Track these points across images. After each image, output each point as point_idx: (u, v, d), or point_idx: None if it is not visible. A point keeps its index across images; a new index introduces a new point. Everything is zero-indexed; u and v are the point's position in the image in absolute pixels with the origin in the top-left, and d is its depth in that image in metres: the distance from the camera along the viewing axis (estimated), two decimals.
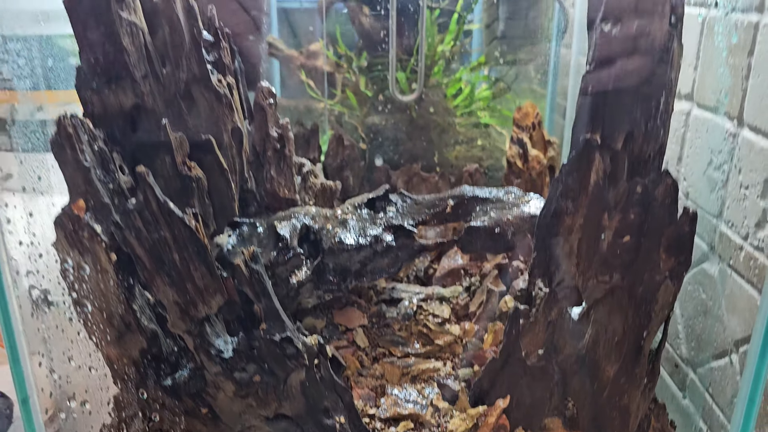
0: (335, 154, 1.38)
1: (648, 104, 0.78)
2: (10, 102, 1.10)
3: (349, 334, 1.07)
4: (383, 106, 1.53)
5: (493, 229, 0.96)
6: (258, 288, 0.79)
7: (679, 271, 0.78)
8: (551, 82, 1.67)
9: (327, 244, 0.98)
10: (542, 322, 0.90)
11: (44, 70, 1.02)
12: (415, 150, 1.55)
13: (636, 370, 0.83)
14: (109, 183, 0.75)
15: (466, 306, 1.12)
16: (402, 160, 1.52)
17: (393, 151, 1.53)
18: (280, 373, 0.81)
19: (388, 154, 1.54)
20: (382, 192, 1.11)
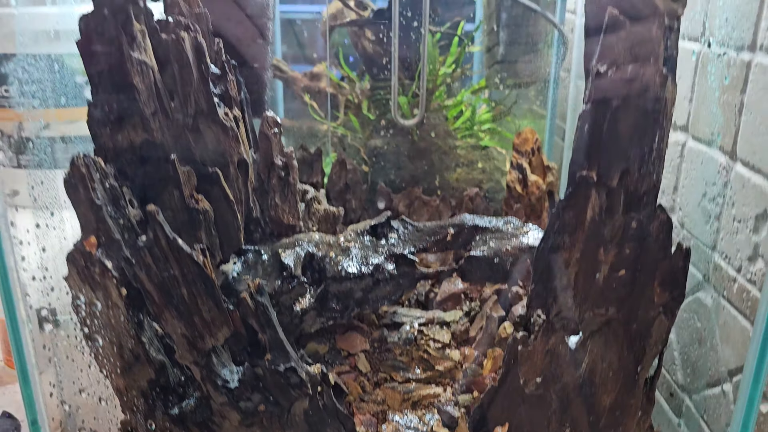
0: (338, 177, 1.41)
1: (643, 143, 0.81)
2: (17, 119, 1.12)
3: (351, 359, 1.09)
4: (385, 129, 1.55)
5: (493, 258, 0.98)
6: (263, 320, 0.81)
7: (673, 306, 0.81)
8: (551, 105, 1.70)
9: (330, 272, 1.00)
10: (540, 351, 0.93)
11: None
12: (417, 172, 1.57)
13: (631, 401, 0.85)
14: (120, 219, 0.77)
15: (466, 331, 1.14)
16: (403, 183, 1.54)
17: (395, 173, 1.55)
18: (285, 403, 0.83)
19: (390, 176, 1.57)
20: (384, 219, 1.13)
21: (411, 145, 1.58)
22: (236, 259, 1.02)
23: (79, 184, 0.73)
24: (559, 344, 0.91)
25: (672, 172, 1.10)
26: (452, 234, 1.05)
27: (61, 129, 1.11)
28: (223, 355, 0.83)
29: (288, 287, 0.97)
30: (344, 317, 1.02)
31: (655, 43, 0.80)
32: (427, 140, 1.58)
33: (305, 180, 1.34)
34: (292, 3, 1.88)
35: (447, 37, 1.68)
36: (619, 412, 0.86)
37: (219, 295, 0.78)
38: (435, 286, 1.28)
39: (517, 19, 1.65)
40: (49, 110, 1.15)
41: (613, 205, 0.83)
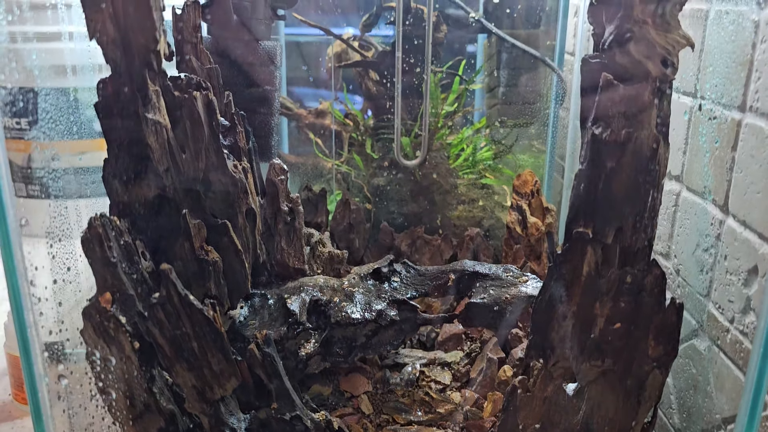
0: (342, 217, 1.44)
1: (637, 202, 0.84)
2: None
3: (355, 401, 1.12)
4: (388, 168, 1.59)
5: (493, 306, 1.01)
6: (270, 370, 0.84)
7: (666, 361, 0.83)
8: (550, 143, 1.74)
9: (334, 318, 1.03)
10: (539, 398, 0.95)
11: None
12: (419, 210, 1.61)
13: None
14: (133, 274, 0.81)
15: (467, 372, 1.17)
16: (406, 221, 1.58)
17: (397, 211, 1.58)
18: None
19: (392, 214, 1.60)
20: (387, 262, 1.17)
21: (413, 183, 1.62)
22: (243, 303, 1.05)
23: (95, 243, 0.76)
24: (557, 392, 0.94)
25: (667, 220, 1.13)
26: (453, 279, 1.08)
27: (71, 161, 1.14)
28: (230, 403, 0.86)
29: (293, 333, 1.00)
30: (348, 362, 1.05)
31: (648, 107, 0.83)
32: (428, 179, 1.61)
33: (310, 219, 1.38)
34: (298, 26, 1.90)
35: (449, 76, 1.72)
36: None
37: (228, 348, 0.81)
38: (436, 327, 1.31)
39: (517, 61, 1.69)
40: (62, 142, 1.19)
41: (609, 260, 0.86)
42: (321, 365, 1.04)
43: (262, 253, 1.12)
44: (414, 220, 1.58)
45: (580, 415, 0.94)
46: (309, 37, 1.88)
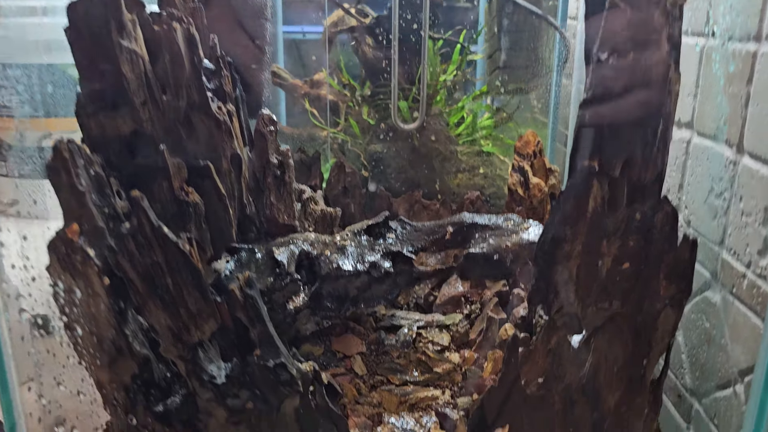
0: (336, 181, 1.38)
1: (646, 132, 0.78)
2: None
3: (347, 362, 1.06)
4: (385, 134, 1.53)
5: (492, 255, 0.95)
6: (252, 313, 0.78)
7: (680, 299, 0.77)
8: (552, 111, 1.68)
9: (324, 270, 0.97)
10: (542, 351, 0.89)
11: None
12: (417, 178, 1.55)
13: (638, 400, 0.81)
14: (105, 207, 0.75)
15: (466, 333, 1.11)
16: (404, 188, 1.52)
17: (395, 178, 1.53)
18: (274, 400, 0.80)
19: (390, 181, 1.54)
20: (382, 219, 1.11)
21: (411, 150, 1.56)
22: (229, 258, 1.00)
23: (61, 169, 0.71)
24: (561, 343, 0.88)
25: (677, 170, 1.07)
26: (451, 232, 1.02)
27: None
28: (210, 350, 0.80)
29: (281, 285, 0.94)
30: (339, 316, 0.99)
31: (657, 30, 0.78)
32: (427, 146, 1.55)
33: (303, 183, 1.32)
34: (296, 24, 1.88)
35: (449, 45, 1.66)
36: (626, 412, 0.82)
37: (206, 286, 0.76)
38: (435, 290, 1.25)
39: (519, 25, 1.64)
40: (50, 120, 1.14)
41: (616, 195, 0.80)
42: (311, 321, 0.98)
43: (249, 207, 1.06)
44: (412, 188, 1.52)
45: (586, 369, 0.87)
46: (308, 35, 1.85)
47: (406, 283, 1.00)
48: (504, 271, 0.95)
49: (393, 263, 0.99)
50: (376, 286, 0.99)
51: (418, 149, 1.55)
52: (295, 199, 1.14)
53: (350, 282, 0.97)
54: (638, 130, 0.78)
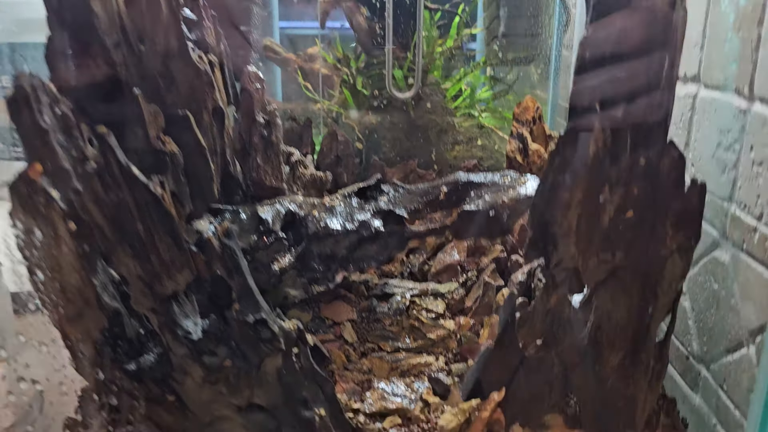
0: (329, 150, 1.34)
1: (650, 70, 0.73)
2: None
3: (337, 329, 1.01)
4: (380, 103, 1.48)
5: (488, 212, 0.90)
6: (231, 265, 0.73)
7: (688, 246, 0.72)
8: (552, 84, 1.63)
9: (312, 229, 0.92)
10: (540, 311, 0.84)
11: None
12: (413, 150, 1.50)
13: (642, 356, 0.76)
14: (72, 150, 0.70)
15: (462, 301, 1.06)
16: (399, 160, 1.47)
17: (390, 151, 1.48)
18: (254, 358, 0.75)
19: (385, 153, 1.49)
20: (374, 181, 1.06)
21: (407, 122, 1.51)
22: (212, 219, 0.95)
23: (23, 105, 0.66)
24: (561, 303, 0.83)
25: (683, 128, 1.02)
26: (445, 192, 0.97)
27: None
28: (186, 305, 0.75)
29: (265, 243, 0.90)
30: (327, 277, 0.94)
31: None
32: (424, 117, 1.51)
33: None
34: (294, 20, 1.85)
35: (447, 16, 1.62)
36: (629, 372, 0.77)
37: (179, 233, 0.71)
38: (430, 259, 1.20)
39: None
40: None
41: (619, 139, 0.75)
42: (297, 283, 0.93)
43: (234, 168, 1.02)
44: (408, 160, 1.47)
45: (587, 329, 0.82)
46: (304, 30, 1.81)
47: (398, 244, 0.95)
48: (501, 228, 0.90)
49: (384, 223, 0.94)
50: (366, 247, 0.94)
51: (414, 121, 1.50)
52: (283, 162, 1.09)
53: (338, 242, 0.92)
54: (642, 68, 0.73)
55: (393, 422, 0.84)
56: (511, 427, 0.83)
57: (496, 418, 0.81)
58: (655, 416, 0.83)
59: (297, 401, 0.78)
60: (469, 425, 0.81)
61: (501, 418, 0.81)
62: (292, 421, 0.78)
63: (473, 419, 0.81)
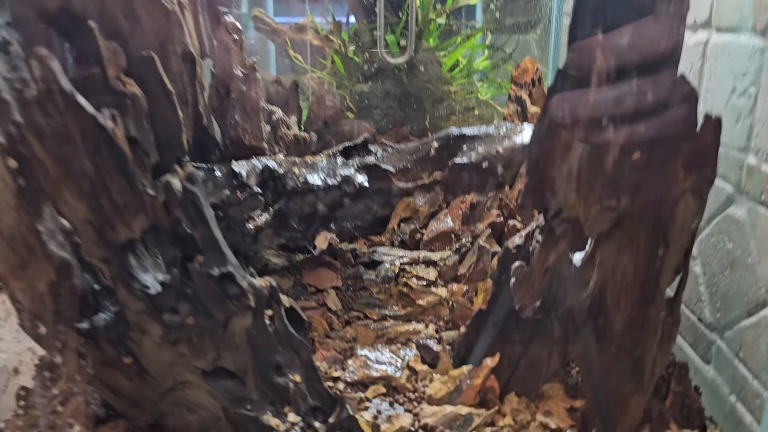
0: (316, 115, 1.26)
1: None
2: None
3: (320, 296, 0.93)
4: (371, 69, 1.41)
5: (481, 163, 0.83)
6: (193, 212, 0.66)
7: (702, 187, 0.65)
8: (552, 54, 1.55)
9: (290, 185, 0.85)
10: (538, 270, 0.77)
11: None
12: (407, 120, 1.43)
13: (651, 314, 0.68)
14: (15, 82, 0.63)
15: (455, 268, 0.98)
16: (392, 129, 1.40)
17: (383, 120, 1.40)
18: (219, 316, 0.68)
19: (377, 124, 1.42)
20: (361, 140, 0.99)
21: (401, 91, 1.44)
22: None
23: None
24: (561, 261, 0.75)
25: (693, 78, 0.94)
26: (436, 148, 0.90)
27: None
28: (145, 258, 0.68)
29: (239, 199, 0.82)
30: (307, 237, 0.86)
31: None
32: (418, 85, 1.43)
33: None
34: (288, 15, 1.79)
35: None
36: (636, 333, 0.70)
37: (134, 174, 0.63)
38: (423, 229, 1.12)
39: None
40: None
41: (625, 70, 0.67)
42: (274, 242, 0.86)
43: (210, 126, 0.95)
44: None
45: (590, 288, 0.75)
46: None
47: (385, 202, 0.88)
48: (496, 180, 0.83)
49: (369, 178, 0.86)
50: (350, 205, 0.87)
51: (407, 89, 1.42)
52: (264, 121, 1.02)
53: (319, 198, 0.85)
54: None
55: (377, 391, 0.76)
56: (506, 397, 0.76)
57: (490, 386, 0.74)
58: (665, 384, 0.75)
59: (269, 366, 0.71)
60: (459, 394, 0.74)
61: (495, 386, 0.74)
62: (263, 387, 0.71)
63: (464, 387, 0.73)
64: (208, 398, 0.71)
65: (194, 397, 0.71)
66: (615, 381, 0.72)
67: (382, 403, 0.75)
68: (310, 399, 0.72)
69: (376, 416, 0.73)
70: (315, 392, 0.73)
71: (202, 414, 0.71)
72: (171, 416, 0.71)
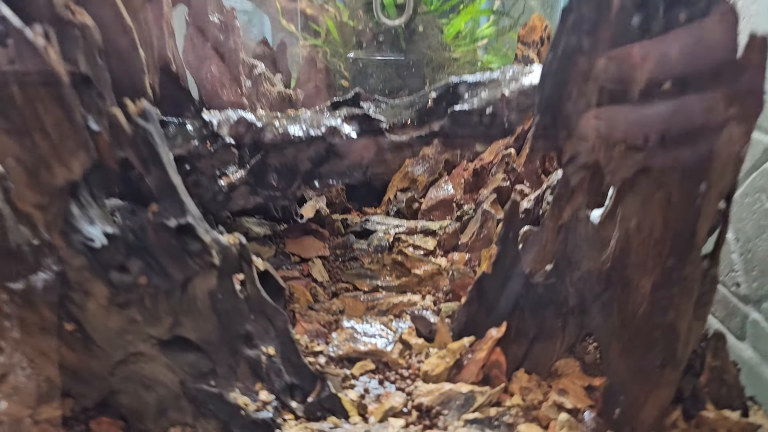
0: (307, 79, 1.16)
1: None
2: None
3: (304, 266, 0.83)
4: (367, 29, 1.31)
5: (484, 109, 0.72)
6: (146, 152, 0.56)
7: (748, 116, 0.54)
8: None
9: (268, 137, 0.75)
10: (551, 229, 0.67)
11: None
12: (405, 89, 1.32)
13: (686, 272, 0.58)
14: None
15: (456, 235, 0.88)
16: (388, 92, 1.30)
17: (376, 84, 1.30)
18: (177, 275, 0.58)
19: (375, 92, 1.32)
20: (351, 95, 0.89)
21: (399, 57, 1.34)
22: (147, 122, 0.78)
23: None
24: (577, 216, 0.65)
25: None
26: (434, 98, 0.80)
27: None
28: (90, 207, 0.58)
29: (209, 150, 0.72)
30: (287, 196, 0.76)
31: None
32: (418, 52, 1.33)
33: None
34: None
35: None
36: (668, 294, 0.59)
37: (72, 105, 0.54)
38: (421, 198, 1.02)
39: None
40: None
41: None
42: (250, 201, 0.76)
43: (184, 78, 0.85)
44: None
45: (611, 248, 0.65)
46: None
47: (376, 157, 0.78)
48: (502, 128, 0.72)
49: (358, 130, 0.76)
50: (336, 160, 0.76)
51: (407, 56, 1.32)
52: (245, 75, 0.92)
53: (301, 151, 0.75)
54: None
55: (364, 368, 0.66)
56: (514, 374, 0.65)
57: (495, 361, 0.63)
58: (698, 359, 0.65)
59: (238, 336, 0.61)
60: (460, 370, 0.64)
61: (501, 361, 0.64)
62: (230, 360, 0.61)
63: (465, 363, 0.63)
64: (167, 373, 0.61)
65: (150, 372, 0.61)
66: (642, 352, 0.61)
67: (371, 381, 0.65)
68: (285, 375, 0.62)
69: (363, 395, 0.63)
70: (292, 367, 0.63)
71: (160, 391, 0.61)
72: (123, 394, 0.61)
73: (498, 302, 0.66)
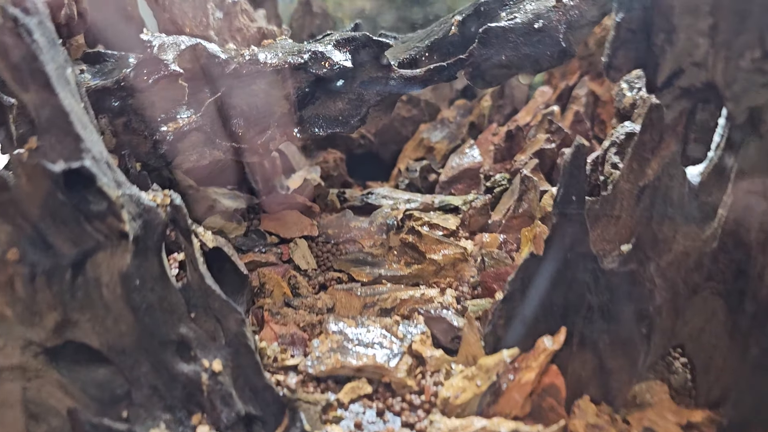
0: (300, 26, 0.96)
1: None
2: None
3: (284, 248, 0.63)
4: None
5: (532, 24, 0.51)
6: (21, 61, 0.36)
7: None
8: None
9: (231, 67, 0.55)
10: (628, 193, 0.46)
11: None
12: None
13: None
14: None
15: (485, 212, 0.67)
16: None
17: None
18: (66, 249, 0.38)
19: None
20: (350, 27, 0.69)
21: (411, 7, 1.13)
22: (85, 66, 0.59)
23: None
24: (668, 170, 0.44)
25: None
26: (460, 22, 0.59)
27: None
28: None
29: (145, 81, 0.52)
30: (257, 151, 0.56)
31: None
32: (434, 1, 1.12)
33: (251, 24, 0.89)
34: None
35: None
36: None
37: None
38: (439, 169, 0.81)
39: None
40: None
41: None
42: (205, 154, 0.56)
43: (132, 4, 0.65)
44: None
45: (719, 219, 0.44)
46: None
47: (379, 98, 0.57)
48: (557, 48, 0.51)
49: (355, 58, 0.56)
50: (327, 101, 0.56)
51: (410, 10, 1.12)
52: (214, 3, 0.72)
53: (275, 87, 0.54)
54: None
55: (356, 391, 0.46)
56: (576, 403, 0.44)
57: (550, 384, 0.43)
58: None
59: (165, 343, 0.41)
60: (497, 398, 0.43)
61: (559, 384, 0.43)
62: (152, 379, 0.40)
63: (505, 387, 0.42)
64: (62, 396, 0.41)
65: (35, 395, 0.40)
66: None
67: (366, 412, 0.45)
68: (238, 402, 0.42)
69: None
70: (248, 390, 0.42)
71: (53, 423, 0.41)
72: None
73: (552, 298, 0.45)
